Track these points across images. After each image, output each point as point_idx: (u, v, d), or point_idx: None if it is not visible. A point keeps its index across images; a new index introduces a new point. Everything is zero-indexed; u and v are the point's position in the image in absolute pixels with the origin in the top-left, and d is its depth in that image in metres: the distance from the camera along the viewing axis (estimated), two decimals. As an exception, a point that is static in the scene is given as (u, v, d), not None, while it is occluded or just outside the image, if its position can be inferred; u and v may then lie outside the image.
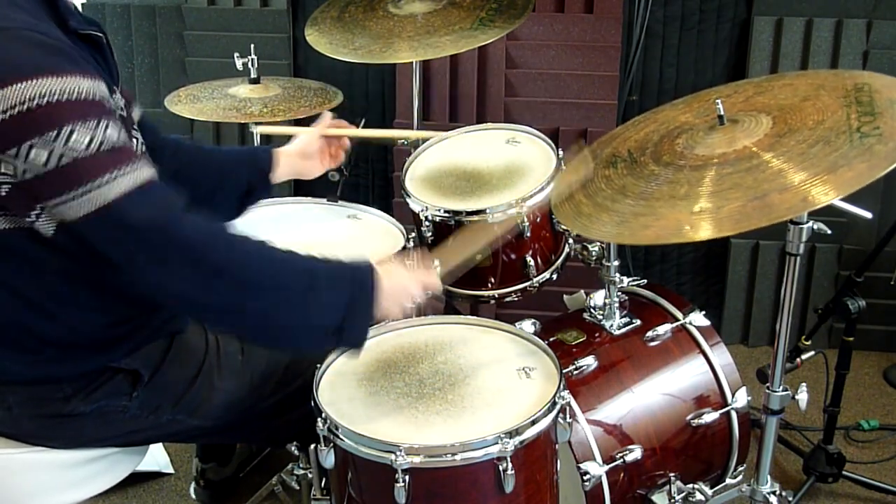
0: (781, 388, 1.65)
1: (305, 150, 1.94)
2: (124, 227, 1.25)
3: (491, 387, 1.49)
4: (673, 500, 1.81)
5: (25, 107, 1.20)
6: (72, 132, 1.21)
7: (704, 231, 1.31)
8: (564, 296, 2.20)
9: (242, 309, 1.32)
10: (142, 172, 1.28)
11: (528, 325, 1.72)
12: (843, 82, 1.50)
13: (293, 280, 1.34)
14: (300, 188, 3.15)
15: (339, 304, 1.35)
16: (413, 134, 2.17)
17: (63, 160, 1.21)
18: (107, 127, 1.25)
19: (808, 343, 2.37)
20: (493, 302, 2.04)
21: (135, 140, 1.46)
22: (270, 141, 2.12)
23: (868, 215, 1.52)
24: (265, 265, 1.33)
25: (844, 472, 2.27)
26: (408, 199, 1.98)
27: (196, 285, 1.29)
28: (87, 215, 1.24)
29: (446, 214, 1.92)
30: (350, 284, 1.37)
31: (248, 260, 1.32)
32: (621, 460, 1.74)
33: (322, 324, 1.35)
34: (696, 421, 1.85)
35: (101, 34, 1.41)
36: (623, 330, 1.93)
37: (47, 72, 1.21)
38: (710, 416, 1.85)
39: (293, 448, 1.67)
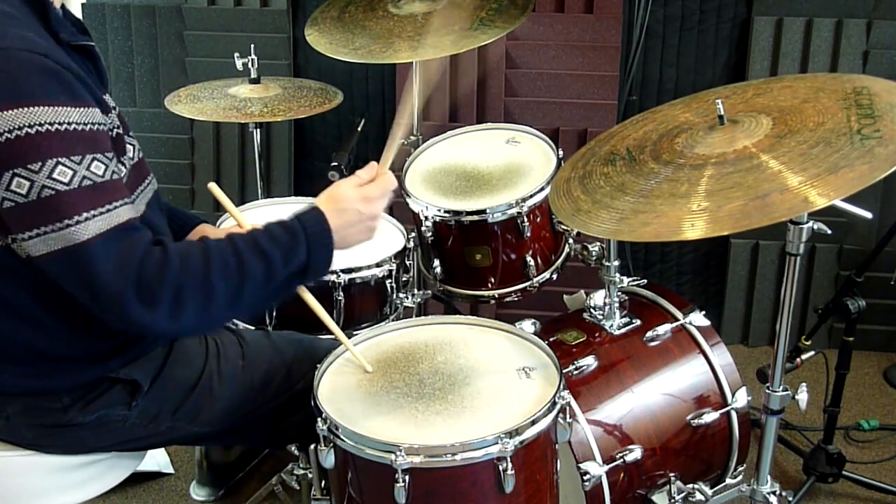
0: (781, 388, 1.64)
1: None
2: (86, 272, 1.24)
3: (491, 387, 1.49)
4: (673, 500, 1.81)
5: (14, 135, 1.19)
6: (56, 165, 1.21)
7: (704, 229, 1.31)
8: (564, 296, 2.20)
9: (213, 314, 1.32)
10: (118, 213, 1.27)
11: (528, 325, 1.72)
12: (842, 85, 1.50)
13: (245, 272, 1.32)
14: (300, 188, 3.16)
15: (298, 263, 1.36)
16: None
17: (44, 192, 1.21)
18: (91, 162, 1.25)
19: (808, 343, 2.37)
20: (493, 302, 2.05)
21: (130, 147, 1.46)
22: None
23: (868, 215, 1.52)
24: (217, 272, 1.30)
25: (844, 472, 2.27)
26: (408, 199, 1.99)
27: (157, 315, 1.27)
28: (56, 252, 1.23)
29: (446, 214, 1.92)
30: (303, 236, 1.36)
31: (200, 276, 1.30)
32: (621, 460, 1.74)
33: (286, 282, 1.37)
34: (696, 421, 1.85)
35: (91, 43, 1.41)
36: (623, 330, 1.93)
37: (40, 100, 1.21)
38: (710, 416, 1.85)
39: (293, 448, 1.67)
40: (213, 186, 1.60)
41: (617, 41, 2.76)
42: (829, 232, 1.50)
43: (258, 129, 2.54)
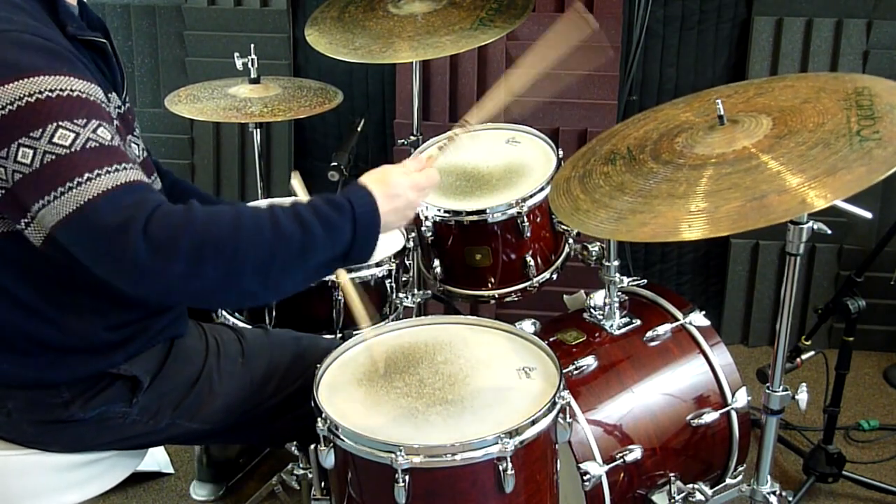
0: (781, 388, 1.65)
1: None
2: (95, 231, 1.20)
3: (491, 387, 1.49)
4: (673, 500, 1.81)
5: (15, 106, 1.19)
6: (56, 129, 1.20)
7: (702, 230, 1.31)
8: (564, 296, 2.20)
9: (235, 281, 1.24)
10: (127, 174, 1.23)
11: (528, 325, 1.72)
12: (844, 85, 1.50)
13: (280, 235, 1.25)
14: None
15: (340, 235, 1.29)
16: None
17: (46, 158, 1.20)
18: (97, 127, 1.23)
19: (808, 343, 2.37)
20: (493, 302, 2.05)
21: (135, 146, 1.45)
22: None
23: (868, 215, 1.52)
24: (245, 233, 1.24)
25: (844, 472, 2.27)
26: (408, 199, 1.98)
27: (175, 276, 1.20)
28: (66, 217, 1.20)
29: (446, 214, 1.92)
30: (349, 212, 1.29)
31: (225, 235, 1.23)
32: (621, 460, 1.74)
33: (326, 258, 1.28)
34: (696, 421, 1.85)
35: (104, 40, 1.40)
36: (623, 330, 1.93)
37: (40, 71, 1.21)
38: (710, 416, 1.85)
39: (293, 448, 1.67)
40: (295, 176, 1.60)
41: (617, 41, 2.76)
42: (829, 232, 1.50)
43: (258, 129, 2.54)
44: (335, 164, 2.11)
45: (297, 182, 1.70)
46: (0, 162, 1.22)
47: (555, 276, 2.03)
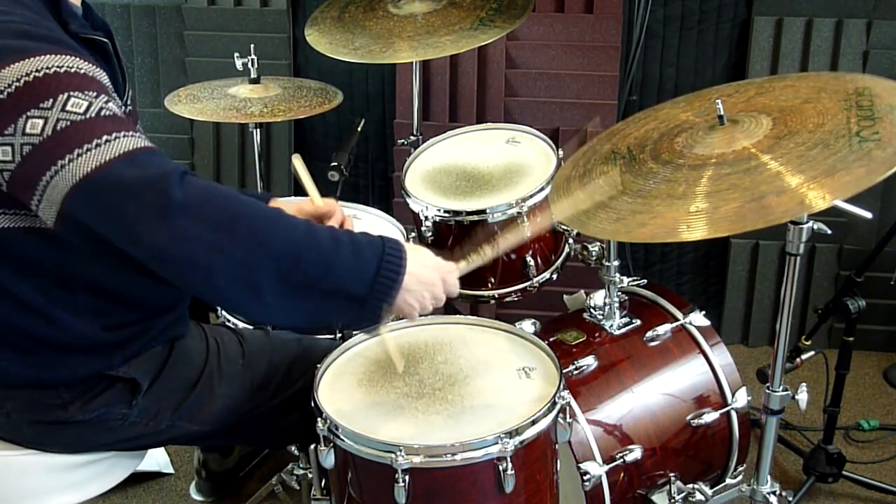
0: (781, 388, 1.65)
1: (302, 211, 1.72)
2: (120, 187, 1.17)
3: (491, 387, 1.49)
4: (673, 500, 1.81)
5: (22, 82, 1.18)
6: (69, 98, 1.19)
7: (700, 231, 1.30)
8: (564, 296, 2.20)
9: (255, 271, 1.20)
10: (142, 140, 1.23)
11: (528, 325, 1.72)
12: (845, 86, 1.50)
13: (312, 240, 1.24)
14: (300, 189, 3.15)
15: (364, 269, 1.27)
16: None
17: (59, 125, 1.18)
18: (107, 101, 1.23)
19: (808, 343, 2.37)
20: (493, 302, 2.05)
21: None
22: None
23: (868, 215, 1.52)
24: (278, 225, 1.23)
25: (844, 472, 2.27)
26: (408, 199, 1.99)
27: (201, 243, 1.18)
28: (85, 176, 1.16)
29: (446, 214, 1.92)
30: (379, 252, 1.29)
31: (258, 217, 1.22)
32: (621, 460, 1.74)
33: (343, 290, 1.26)
34: (696, 421, 1.85)
35: (106, 41, 1.40)
36: (623, 330, 1.93)
37: (45, 51, 1.21)
38: (710, 416, 1.85)
39: (293, 448, 1.67)
40: (296, 159, 1.63)
41: (617, 41, 2.76)
42: (829, 232, 1.50)
43: (258, 129, 2.54)
44: (335, 164, 2.11)
45: (298, 163, 1.72)
46: (7, 140, 1.19)
47: (555, 276, 2.03)
